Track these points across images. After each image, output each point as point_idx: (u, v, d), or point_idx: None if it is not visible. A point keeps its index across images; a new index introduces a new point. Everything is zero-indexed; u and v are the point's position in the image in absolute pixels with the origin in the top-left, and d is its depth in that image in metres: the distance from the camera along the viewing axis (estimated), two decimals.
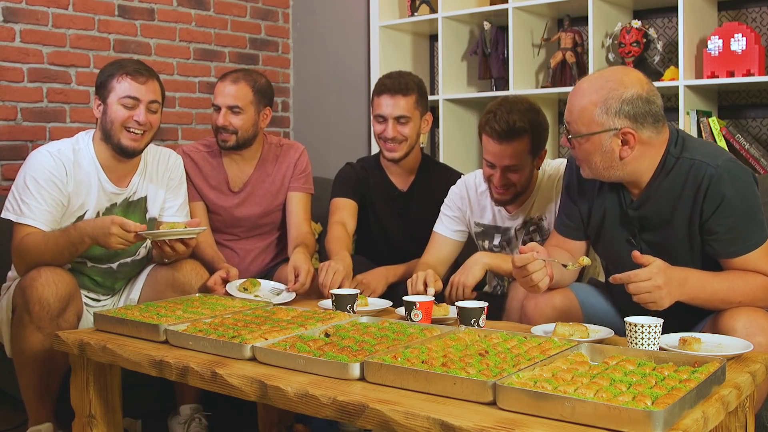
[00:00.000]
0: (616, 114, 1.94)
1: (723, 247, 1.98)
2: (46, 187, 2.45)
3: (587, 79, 2.03)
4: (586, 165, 2.05)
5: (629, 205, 2.10)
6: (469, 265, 2.51)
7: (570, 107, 2.03)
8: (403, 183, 3.02)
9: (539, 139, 2.51)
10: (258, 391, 1.64)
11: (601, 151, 1.98)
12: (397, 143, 2.87)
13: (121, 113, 2.50)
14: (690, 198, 1.99)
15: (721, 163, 1.97)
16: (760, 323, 1.85)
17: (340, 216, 2.91)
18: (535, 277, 2.00)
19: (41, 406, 2.40)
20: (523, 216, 2.65)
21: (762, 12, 3.21)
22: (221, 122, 2.84)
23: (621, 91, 1.95)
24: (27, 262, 2.41)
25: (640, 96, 1.95)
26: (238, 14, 4.29)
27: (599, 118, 1.95)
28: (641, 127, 1.96)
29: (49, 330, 2.31)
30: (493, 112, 2.47)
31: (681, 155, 2.02)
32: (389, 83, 2.85)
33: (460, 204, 2.75)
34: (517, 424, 1.34)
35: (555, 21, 3.71)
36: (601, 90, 1.96)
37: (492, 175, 2.53)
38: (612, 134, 1.96)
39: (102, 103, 2.54)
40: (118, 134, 2.51)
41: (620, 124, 1.95)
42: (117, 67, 2.53)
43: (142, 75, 2.52)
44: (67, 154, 2.52)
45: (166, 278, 2.61)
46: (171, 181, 2.74)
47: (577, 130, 2.00)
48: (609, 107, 1.94)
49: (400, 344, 1.76)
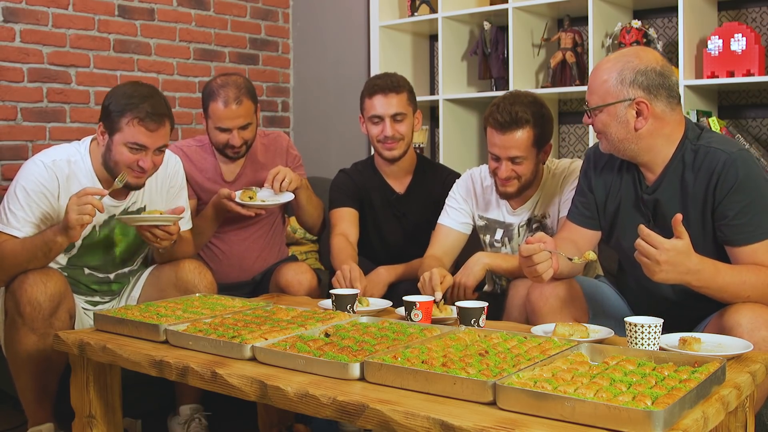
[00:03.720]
0: (631, 84, 2.03)
1: (732, 233, 2.00)
2: (35, 198, 2.41)
3: (607, 57, 2.13)
4: (604, 137, 2.12)
5: (644, 190, 2.14)
6: (469, 266, 2.52)
7: (589, 83, 2.13)
8: (399, 185, 3.02)
9: (543, 132, 2.52)
10: (258, 391, 1.64)
11: (617, 121, 2.06)
12: (396, 141, 2.87)
13: (126, 156, 2.42)
14: (704, 183, 2.03)
15: (736, 150, 2.02)
16: (765, 318, 1.85)
17: (341, 228, 2.91)
18: (539, 268, 2.03)
19: (40, 407, 2.40)
20: (527, 213, 2.65)
21: (762, 12, 3.21)
22: (238, 143, 2.86)
23: (636, 62, 2.04)
24: (4, 268, 2.36)
25: (654, 69, 2.03)
26: (238, 14, 4.29)
27: (614, 88, 2.04)
28: (655, 98, 2.02)
29: (43, 330, 2.31)
30: (497, 105, 2.50)
31: (698, 143, 2.07)
32: (381, 83, 2.86)
33: (466, 196, 2.76)
34: (517, 424, 1.34)
35: (555, 21, 3.71)
36: (618, 63, 2.06)
37: (497, 168, 2.55)
38: (626, 104, 2.03)
39: (107, 134, 2.44)
40: (121, 171, 2.44)
41: (634, 94, 2.03)
42: (129, 107, 2.38)
43: (153, 122, 2.39)
44: (62, 166, 2.46)
45: (168, 277, 2.61)
46: (172, 188, 2.72)
47: (595, 102, 2.09)
48: (624, 78, 2.03)
49: (400, 344, 1.76)
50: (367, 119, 2.89)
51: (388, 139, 2.86)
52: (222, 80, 2.86)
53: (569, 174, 2.60)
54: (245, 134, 2.88)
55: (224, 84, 2.84)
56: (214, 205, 2.82)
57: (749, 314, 1.86)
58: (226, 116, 2.81)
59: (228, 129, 2.83)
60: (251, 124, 2.89)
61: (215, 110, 2.82)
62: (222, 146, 2.89)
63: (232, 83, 2.84)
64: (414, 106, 2.92)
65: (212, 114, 2.84)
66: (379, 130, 2.86)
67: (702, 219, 2.05)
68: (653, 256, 1.82)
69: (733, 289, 1.92)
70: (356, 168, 3.10)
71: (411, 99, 2.90)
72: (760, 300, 1.93)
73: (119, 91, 2.45)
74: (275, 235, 3.14)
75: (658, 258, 1.82)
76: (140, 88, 2.45)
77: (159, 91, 2.52)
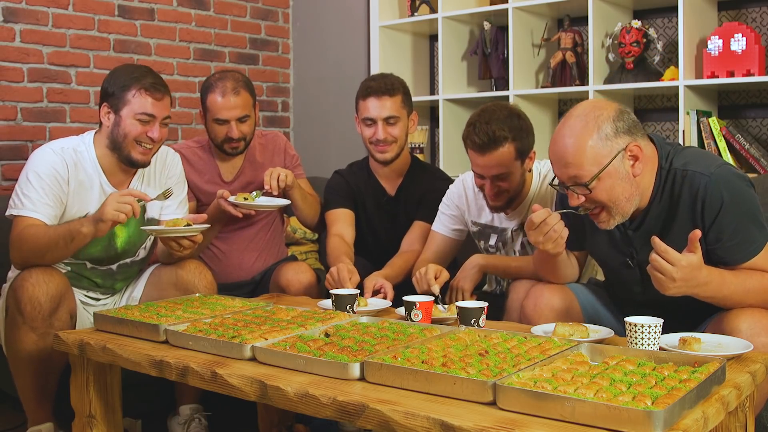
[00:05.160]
0: (615, 135, 1.92)
1: (728, 254, 1.96)
2: (48, 181, 2.44)
3: (560, 132, 1.97)
4: (610, 206, 1.97)
5: (628, 226, 2.08)
6: (466, 269, 2.53)
7: (563, 159, 1.95)
8: (391, 187, 3.01)
9: (523, 144, 2.47)
10: (258, 391, 1.64)
11: (620, 178, 1.93)
12: (388, 144, 2.86)
13: (136, 128, 2.48)
14: (689, 210, 1.98)
15: (714, 170, 1.95)
16: (764, 324, 1.85)
17: (336, 229, 2.92)
18: (557, 228, 2.00)
19: (39, 407, 2.40)
20: (520, 218, 2.65)
21: (762, 12, 3.21)
22: (236, 135, 2.86)
23: (605, 114, 1.93)
24: (23, 253, 2.37)
25: (619, 109, 1.96)
26: (238, 14, 4.29)
27: (603, 148, 1.91)
28: (638, 137, 1.96)
29: (43, 330, 2.31)
30: (473, 125, 2.44)
31: (672, 167, 2.00)
32: (375, 85, 2.84)
33: (459, 203, 2.75)
34: (517, 424, 1.34)
35: (555, 21, 3.71)
36: (587, 125, 1.92)
37: (483, 185, 2.53)
38: (621, 156, 1.93)
39: (113, 112, 2.50)
40: (129, 148, 2.50)
41: (623, 142, 1.93)
42: (132, 80, 2.47)
43: (159, 91, 2.49)
44: (70, 153, 2.51)
45: (169, 277, 2.62)
46: (169, 179, 2.74)
47: (588, 173, 1.92)
48: (606, 133, 1.91)
49: (400, 344, 1.76)
50: (361, 121, 2.89)
51: (380, 142, 2.85)
52: (220, 74, 2.90)
53: None
54: (244, 128, 2.87)
55: (222, 77, 2.87)
56: (213, 208, 2.82)
57: (749, 319, 1.86)
58: (224, 107, 2.82)
59: (226, 120, 2.84)
60: (249, 118, 2.89)
61: (213, 102, 2.84)
62: (221, 141, 2.89)
63: (230, 76, 2.88)
64: (409, 109, 2.91)
65: (210, 106, 2.85)
66: (371, 132, 2.85)
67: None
68: (669, 273, 1.79)
69: (738, 297, 1.92)
70: (351, 169, 3.10)
71: (405, 101, 2.88)
72: (762, 305, 1.92)
73: (118, 71, 2.55)
74: (275, 235, 3.14)
75: (675, 275, 1.80)
76: (138, 67, 2.59)
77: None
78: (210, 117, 2.87)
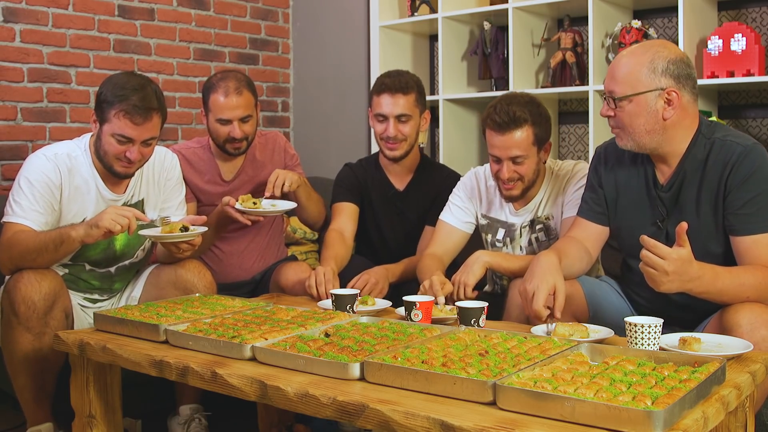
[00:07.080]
0: (662, 73, 2.03)
1: (738, 222, 2.01)
2: (39, 188, 2.43)
3: (629, 48, 2.13)
4: (628, 129, 2.09)
5: (660, 189, 2.15)
6: (469, 264, 2.52)
7: (613, 73, 2.10)
8: (400, 182, 3.03)
9: (542, 130, 2.52)
10: (258, 391, 1.64)
11: (647, 111, 2.05)
12: (398, 142, 2.88)
13: (114, 147, 2.44)
14: (717, 174, 2.05)
15: (751, 143, 2.05)
16: (764, 318, 1.86)
17: (337, 223, 2.93)
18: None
19: (38, 407, 2.40)
20: (530, 214, 2.65)
21: (762, 12, 3.21)
22: (239, 135, 2.85)
23: (665, 52, 2.05)
24: (12, 257, 2.37)
25: (682, 59, 2.05)
26: (238, 14, 4.29)
27: (646, 78, 2.03)
28: (683, 88, 2.04)
29: (38, 330, 2.31)
30: (494, 106, 2.51)
31: (713, 136, 2.09)
32: (389, 82, 2.86)
33: (470, 194, 2.76)
34: (517, 424, 1.34)
35: (555, 21, 3.71)
36: (647, 52, 2.05)
37: (499, 170, 2.55)
38: (657, 94, 2.03)
39: (98, 123, 2.48)
40: (111, 161, 2.48)
41: (665, 83, 2.03)
42: (117, 98, 2.40)
43: (139, 116, 2.39)
44: (64, 159, 2.49)
45: (169, 277, 2.62)
46: (168, 181, 2.73)
47: (623, 91, 2.06)
48: (655, 67, 2.03)
49: (400, 344, 1.76)
50: (373, 116, 2.91)
51: (390, 139, 2.87)
52: (222, 74, 2.90)
53: (573, 175, 2.59)
54: (246, 128, 2.87)
55: (224, 77, 2.87)
56: (217, 214, 2.81)
57: (749, 314, 1.87)
58: (227, 106, 2.82)
59: (229, 120, 2.83)
60: (252, 117, 2.89)
61: (216, 101, 2.83)
62: (223, 141, 2.88)
63: (232, 76, 2.88)
64: (422, 107, 2.93)
65: (213, 106, 2.85)
66: (382, 128, 2.87)
67: (714, 210, 2.07)
68: (661, 267, 1.82)
69: (733, 291, 1.93)
70: (360, 163, 3.12)
71: (419, 100, 2.90)
72: (759, 300, 1.93)
73: (111, 82, 2.48)
74: (275, 235, 3.14)
75: (666, 268, 1.82)
76: (132, 79, 2.47)
77: (152, 82, 2.51)
78: (212, 117, 2.87)
